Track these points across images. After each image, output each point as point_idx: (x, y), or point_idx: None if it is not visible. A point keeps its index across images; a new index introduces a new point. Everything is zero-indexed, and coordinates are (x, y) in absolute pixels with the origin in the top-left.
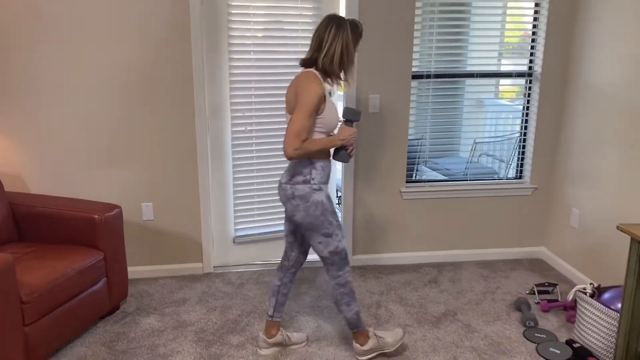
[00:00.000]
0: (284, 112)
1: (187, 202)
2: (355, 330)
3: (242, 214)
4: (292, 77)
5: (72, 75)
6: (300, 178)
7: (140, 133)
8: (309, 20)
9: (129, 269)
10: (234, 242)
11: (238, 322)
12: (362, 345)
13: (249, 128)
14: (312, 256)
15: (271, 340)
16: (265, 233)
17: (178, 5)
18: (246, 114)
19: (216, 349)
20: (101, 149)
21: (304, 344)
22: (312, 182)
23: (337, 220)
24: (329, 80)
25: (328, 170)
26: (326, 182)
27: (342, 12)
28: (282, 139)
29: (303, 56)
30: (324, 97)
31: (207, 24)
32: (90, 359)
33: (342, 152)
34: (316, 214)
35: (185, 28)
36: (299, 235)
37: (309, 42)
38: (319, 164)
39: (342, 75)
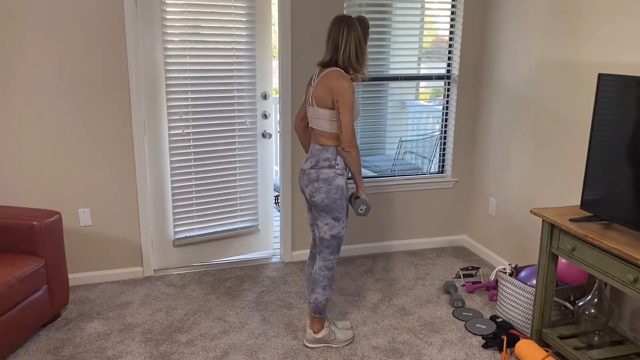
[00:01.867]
0: (220, 115)
1: (125, 206)
2: (316, 316)
3: (181, 216)
4: (228, 80)
5: (0, 75)
6: (326, 163)
7: (75, 137)
8: (242, 26)
9: (69, 276)
10: (173, 244)
11: (184, 321)
12: (315, 332)
13: (186, 131)
14: (256, 254)
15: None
16: (205, 234)
17: (112, 5)
18: (183, 117)
19: (166, 347)
20: (34, 154)
21: (349, 341)
22: (336, 167)
23: (347, 208)
24: (350, 75)
25: (338, 157)
26: (347, 169)
27: (275, 16)
28: (219, 141)
29: (239, 58)
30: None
31: (142, 26)
32: None
33: (358, 201)
34: (335, 197)
35: (119, 30)
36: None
37: (243, 44)
38: (338, 150)
39: (359, 69)
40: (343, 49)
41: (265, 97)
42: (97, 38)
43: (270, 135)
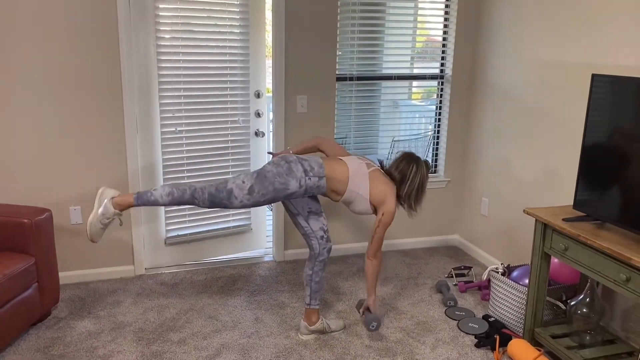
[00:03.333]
0: (213, 113)
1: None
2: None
3: (173, 214)
4: (221, 78)
5: None
6: (307, 165)
7: (66, 134)
8: (236, 24)
9: (60, 274)
10: (165, 243)
11: (176, 319)
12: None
13: (179, 129)
14: (248, 253)
15: (312, 328)
16: (197, 233)
17: (105, 3)
18: (176, 115)
19: (157, 346)
20: (25, 151)
21: (342, 330)
22: (307, 177)
23: (256, 204)
24: (399, 202)
25: (319, 192)
26: (309, 192)
27: (269, 17)
28: (211, 139)
29: (233, 57)
30: None
31: (135, 24)
32: None
33: (369, 316)
34: (274, 182)
35: (112, 28)
36: (307, 222)
37: (236, 43)
38: (323, 183)
39: (413, 205)
40: (409, 184)
41: (258, 95)
42: (89, 35)
43: (263, 134)
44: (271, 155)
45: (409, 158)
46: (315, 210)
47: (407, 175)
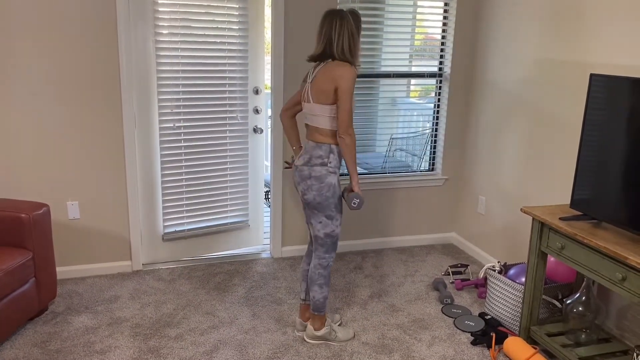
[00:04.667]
0: (211, 110)
1: (115, 199)
2: (315, 313)
3: (170, 210)
4: (220, 75)
5: None
6: (318, 161)
7: (65, 129)
8: (235, 20)
9: (57, 269)
10: (163, 238)
11: (174, 315)
12: (316, 329)
13: (177, 124)
14: (245, 249)
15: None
16: (194, 229)
17: (104, 0)
18: (174, 110)
19: (155, 342)
20: (23, 146)
21: (338, 323)
22: (329, 165)
23: (341, 206)
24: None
25: (341, 155)
26: (339, 167)
27: (267, 14)
28: (210, 135)
29: (231, 53)
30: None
31: (134, 19)
32: None
33: (351, 195)
34: (327, 195)
35: (111, 23)
36: None
37: (235, 39)
38: (337, 150)
39: (350, 59)
40: (337, 43)
41: (257, 92)
42: (88, 31)
43: (262, 131)
44: (286, 164)
45: (329, 17)
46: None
47: (333, 36)
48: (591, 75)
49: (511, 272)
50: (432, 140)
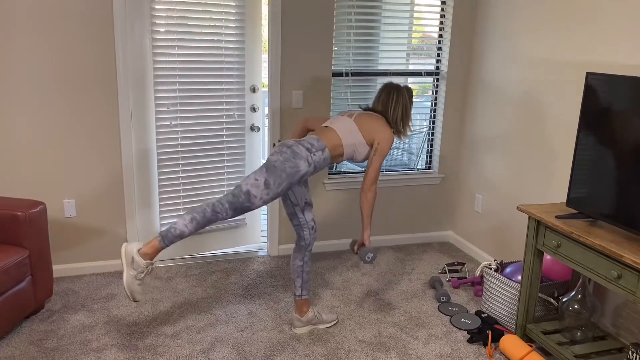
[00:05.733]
0: (208, 108)
1: (111, 197)
2: (158, 239)
3: (167, 208)
4: (217, 72)
5: None
6: (306, 144)
7: (61, 127)
8: (232, 18)
9: (53, 267)
10: None
11: (170, 313)
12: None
13: (173, 122)
14: (242, 247)
15: (304, 318)
16: None
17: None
18: (171, 108)
19: (151, 340)
20: (21, 144)
21: (334, 322)
22: (312, 153)
23: (280, 193)
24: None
25: (326, 164)
26: (317, 168)
27: (264, 12)
28: (206, 134)
29: (228, 51)
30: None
31: (130, 17)
32: (19, 358)
33: (364, 249)
34: (285, 168)
35: (107, 20)
36: (303, 213)
37: (232, 37)
38: (327, 153)
39: (402, 129)
40: (392, 112)
41: (254, 90)
42: (84, 28)
43: (259, 129)
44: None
45: (387, 88)
46: (309, 201)
47: (390, 105)
48: (587, 73)
49: (507, 270)
50: (429, 138)
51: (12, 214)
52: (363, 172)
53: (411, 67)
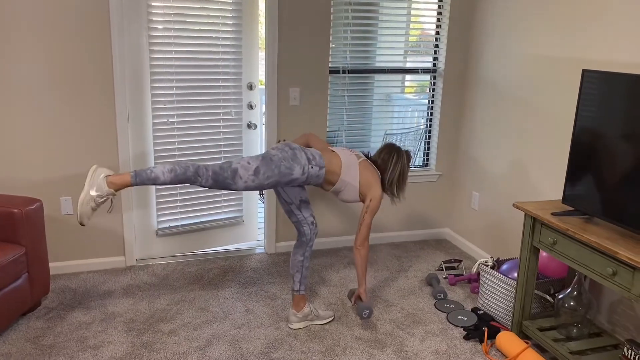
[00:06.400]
0: (205, 105)
1: None
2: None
3: (164, 206)
4: (214, 70)
5: None
6: (309, 154)
7: (57, 124)
8: (229, 15)
9: (50, 264)
10: (156, 234)
11: (167, 310)
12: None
13: (170, 119)
14: (240, 245)
15: (300, 314)
16: (188, 224)
17: None
18: (167, 106)
19: (148, 337)
20: (17, 141)
21: (330, 319)
22: (310, 165)
23: (267, 184)
24: (384, 190)
25: (317, 183)
26: (310, 181)
27: (262, 9)
28: (203, 131)
29: (225, 49)
30: None
31: (127, 16)
32: (16, 356)
33: (361, 305)
34: (280, 166)
35: (104, 17)
36: (300, 210)
37: (229, 34)
38: (323, 174)
39: (396, 192)
40: (390, 172)
41: (251, 87)
42: (80, 25)
43: (256, 126)
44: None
45: (389, 148)
46: (305, 199)
47: (389, 164)
48: (583, 71)
49: (504, 267)
50: (426, 136)
51: (8, 211)
52: None
53: (408, 65)
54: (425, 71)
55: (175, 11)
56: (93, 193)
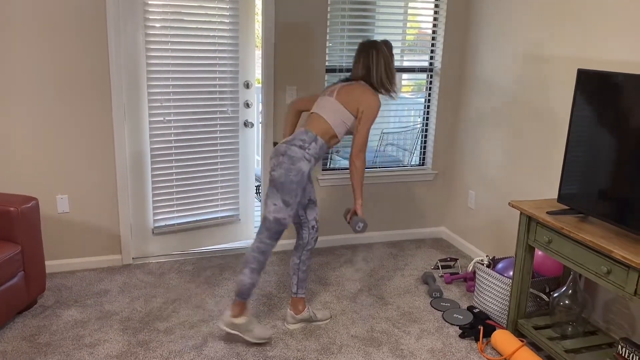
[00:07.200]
0: (202, 103)
1: (104, 193)
2: (238, 298)
3: (161, 204)
4: (210, 68)
5: None
6: (298, 142)
7: (54, 122)
8: (225, 13)
9: (46, 262)
10: (153, 232)
11: (163, 309)
12: (233, 316)
13: (167, 118)
14: (236, 243)
15: (299, 317)
16: (185, 223)
17: None
18: (164, 104)
19: (144, 335)
20: (14, 139)
21: (328, 320)
22: (306, 150)
23: (301, 197)
24: (378, 92)
25: (324, 152)
26: (317, 159)
27: (259, 7)
28: (200, 129)
29: (222, 47)
30: None
31: (123, 11)
32: (12, 354)
33: (355, 218)
34: (292, 179)
35: (100, 15)
36: (305, 211)
37: (226, 32)
38: (320, 141)
39: (389, 87)
40: (375, 71)
41: (247, 86)
42: (77, 23)
43: (252, 125)
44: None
45: (365, 47)
46: (313, 199)
47: (371, 65)
48: (579, 70)
49: (499, 265)
50: (422, 134)
51: (4, 210)
52: None
53: (405, 64)
54: (422, 70)
55: (172, 10)
56: (249, 332)
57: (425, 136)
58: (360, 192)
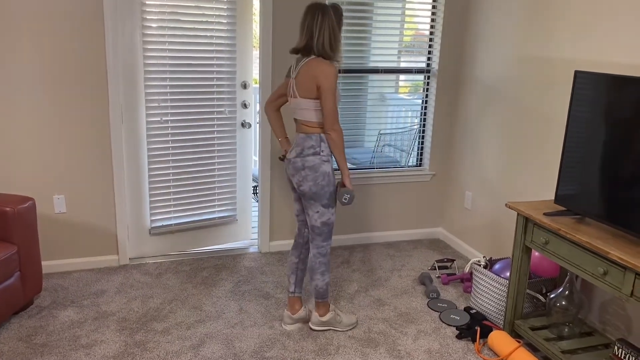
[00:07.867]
0: (199, 104)
1: (102, 193)
2: (319, 300)
3: (158, 204)
4: (208, 68)
5: None
6: (310, 150)
7: (51, 122)
8: (223, 14)
9: (43, 263)
10: (150, 233)
11: (160, 309)
12: (321, 316)
13: (164, 118)
14: (233, 244)
15: (295, 316)
16: (182, 223)
17: None
18: (161, 104)
19: (141, 336)
20: (10, 139)
21: (351, 327)
22: (321, 153)
23: (335, 201)
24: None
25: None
26: (332, 156)
27: (256, 7)
28: (197, 130)
29: (220, 47)
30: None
31: (121, 11)
32: (8, 355)
33: (342, 190)
34: (322, 184)
35: (98, 15)
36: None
37: (223, 33)
38: (319, 137)
39: (331, 54)
40: (317, 37)
41: (245, 86)
42: (74, 23)
43: (250, 125)
44: (284, 159)
45: (311, 10)
46: None
47: (314, 29)
48: (576, 72)
49: (496, 266)
50: (419, 135)
51: (0, 210)
52: (357, 168)
53: (402, 65)
54: (419, 71)
55: (169, 10)
56: (339, 324)
57: (423, 137)
58: (344, 163)
